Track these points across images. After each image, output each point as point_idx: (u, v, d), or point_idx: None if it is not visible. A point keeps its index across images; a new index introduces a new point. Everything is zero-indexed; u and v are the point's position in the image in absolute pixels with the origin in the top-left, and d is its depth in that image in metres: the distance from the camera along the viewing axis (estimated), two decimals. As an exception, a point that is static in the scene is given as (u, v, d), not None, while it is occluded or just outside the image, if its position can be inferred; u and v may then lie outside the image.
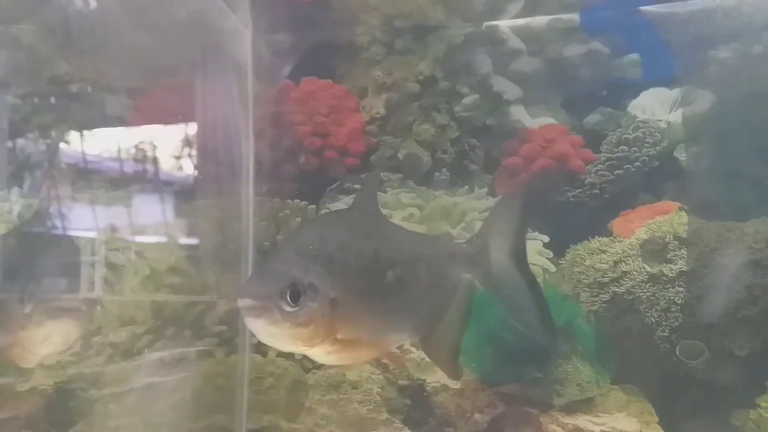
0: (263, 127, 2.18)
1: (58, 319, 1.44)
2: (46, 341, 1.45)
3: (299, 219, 2.10)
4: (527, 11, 2.31)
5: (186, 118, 1.94)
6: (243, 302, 0.97)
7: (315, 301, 0.98)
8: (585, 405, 1.79)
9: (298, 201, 2.14)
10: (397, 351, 1.27)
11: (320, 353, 1.06)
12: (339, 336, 1.02)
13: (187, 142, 1.96)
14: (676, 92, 2.25)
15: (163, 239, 1.95)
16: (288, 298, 0.96)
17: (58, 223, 1.92)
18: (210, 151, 1.99)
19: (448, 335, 1.22)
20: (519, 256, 1.25)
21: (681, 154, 2.17)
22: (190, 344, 1.85)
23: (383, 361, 1.70)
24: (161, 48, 1.86)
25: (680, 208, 1.98)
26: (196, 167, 1.98)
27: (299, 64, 2.31)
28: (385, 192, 2.23)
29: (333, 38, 2.38)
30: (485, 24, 2.34)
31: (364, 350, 1.09)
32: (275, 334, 0.99)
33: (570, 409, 1.78)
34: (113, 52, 1.87)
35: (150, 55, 1.87)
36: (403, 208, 2.14)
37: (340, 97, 2.35)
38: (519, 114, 2.37)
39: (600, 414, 1.78)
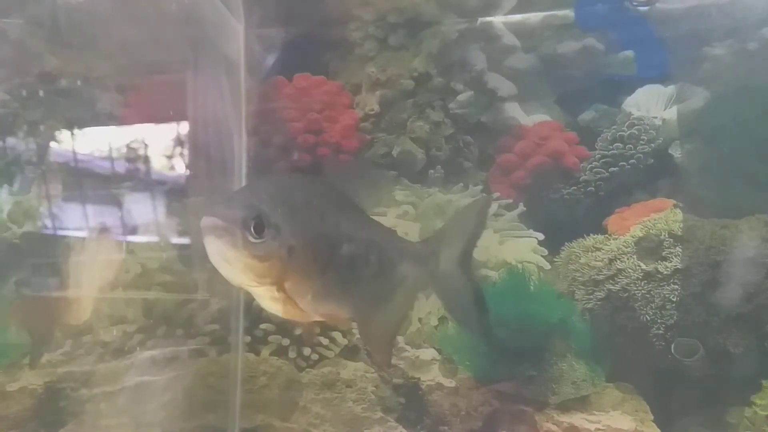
0: (255, 124, 2.16)
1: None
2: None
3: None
4: (522, 7, 2.30)
5: (177, 115, 1.91)
6: (208, 220, 0.97)
7: (276, 241, 0.99)
8: (580, 403, 1.79)
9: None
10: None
11: (265, 296, 1.07)
12: (287, 285, 1.04)
13: (178, 139, 1.93)
14: (670, 89, 2.25)
15: (154, 237, 1.93)
16: (252, 228, 0.97)
17: (48, 221, 1.90)
18: (201, 148, 1.96)
19: (384, 326, 1.25)
20: (466, 265, 1.28)
21: (676, 152, 2.17)
22: (182, 343, 1.83)
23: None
24: (152, 43, 1.83)
25: (675, 206, 1.98)
26: (187, 164, 1.95)
27: (292, 59, 2.29)
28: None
29: (326, 34, 2.36)
30: (480, 20, 2.33)
31: (303, 310, 1.10)
32: (231, 258, 0.99)
33: (565, 407, 1.77)
34: (103, 46, 1.85)
35: (140, 50, 1.85)
36: (397, 206, 2.12)
37: (334, 94, 2.33)
38: (513, 111, 2.37)
39: (595, 412, 1.77)
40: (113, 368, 1.75)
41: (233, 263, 1.00)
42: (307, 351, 1.86)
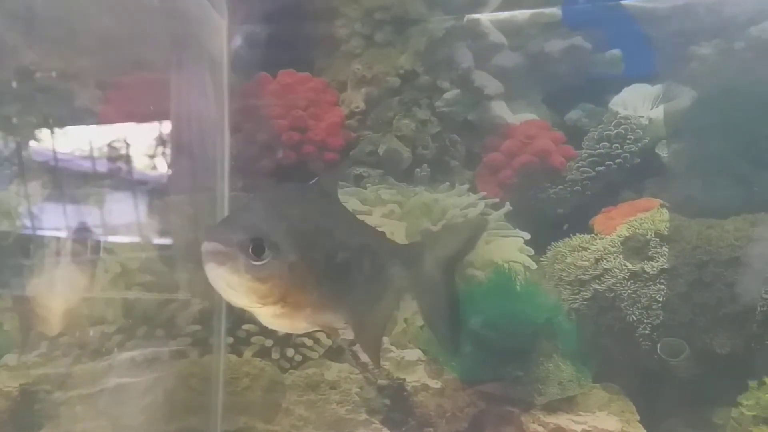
0: (239, 121, 2.13)
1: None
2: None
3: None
4: (509, 4, 2.29)
5: (159, 112, 1.87)
6: (209, 246, 0.96)
7: (277, 260, 0.98)
8: (566, 404, 1.78)
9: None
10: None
11: (268, 314, 1.06)
12: (289, 301, 1.03)
13: (160, 137, 1.89)
14: (657, 88, 2.25)
15: (134, 236, 1.89)
16: (251, 251, 0.96)
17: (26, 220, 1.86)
18: (184, 146, 1.93)
19: (377, 325, 1.26)
20: (449, 275, 1.29)
21: (662, 151, 2.17)
22: (162, 344, 1.79)
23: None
24: (133, 38, 1.79)
25: (662, 205, 1.98)
26: (169, 162, 1.92)
27: (276, 56, 2.26)
28: (365, 188, 2.19)
29: (312, 30, 2.34)
30: (467, 17, 2.31)
31: (303, 322, 1.10)
32: (235, 284, 0.98)
33: (551, 408, 1.76)
34: (82, 40, 1.80)
35: (121, 45, 1.81)
36: (383, 204, 2.10)
37: (319, 91, 2.30)
38: (500, 110, 2.35)
39: (581, 413, 1.77)
40: (91, 370, 1.71)
41: (237, 288, 0.99)
42: (290, 352, 1.84)
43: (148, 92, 1.92)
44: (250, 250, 0.95)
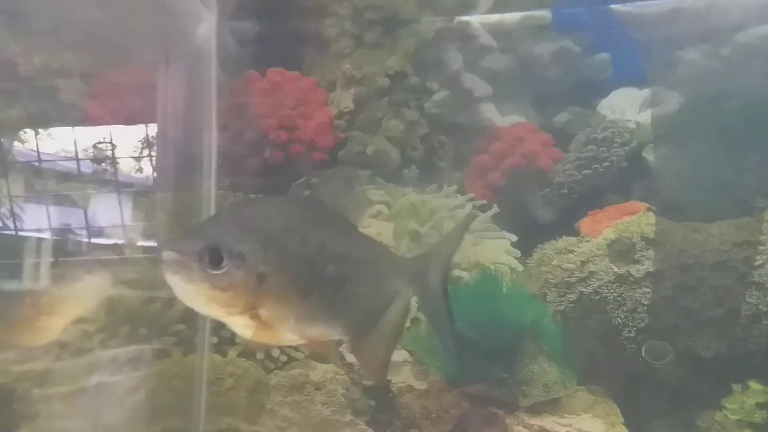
0: (227, 119, 2.12)
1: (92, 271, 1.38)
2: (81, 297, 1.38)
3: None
4: (499, 7, 2.29)
5: (144, 107, 1.85)
6: (165, 255, 0.96)
7: (240, 270, 0.97)
8: (551, 406, 1.78)
9: (262, 196, 2.08)
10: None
11: (239, 324, 1.05)
12: (262, 312, 1.02)
13: (145, 133, 1.87)
14: (645, 92, 2.26)
15: (118, 233, 1.87)
16: (208, 260, 0.95)
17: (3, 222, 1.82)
18: (170, 142, 1.90)
19: (378, 344, 1.23)
20: (444, 284, 1.28)
21: (649, 155, 2.18)
22: (145, 343, 1.77)
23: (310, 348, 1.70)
24: (119, 31, 1.77)
25: (648, 209, 1.98)
26: (154, 159, 1.90)
27: (266, 54, 2.24)
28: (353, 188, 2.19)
29: (301, 28, 2.33)
30: (457, 19, 2.31)
31: (288, 334, 1.09)
32: (191, 292, 0.97)
33: (536, 410, 1.76)
34: (67, 33, 1.78)
35: (107, 39, 1.78)
36: (371, 205, 2.09)
37: (308, 90, 2.29)
38: (489, 112, 2.36)
39: (566, 415, 1.76)
40: (72, 368, 1.68)
41: (194, 297, 0.98)
42: (275, 352, 1.82)
43: (133, 87, 1.89)
44: (207, 258, 0.95)
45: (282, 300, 1.04)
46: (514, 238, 2.06)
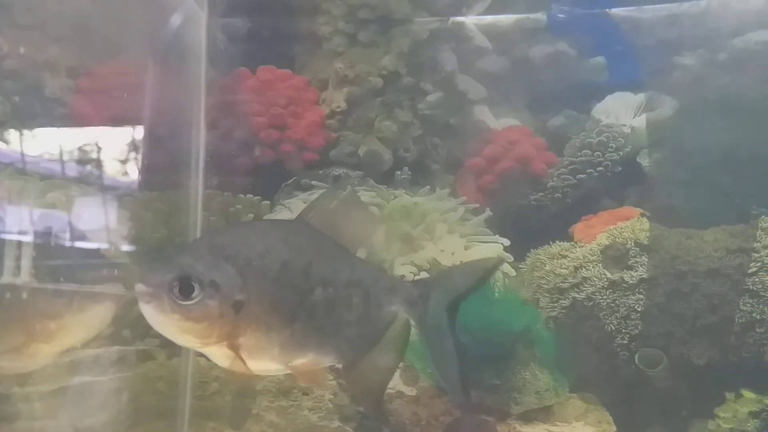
0: (216, 117, 2.08)
1: (100, 302, 1.33)
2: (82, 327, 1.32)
3: (251, 215, 2.00)
4: (494, 8, 2.28)
5: (132, 103, 1.81)
6: (137, 287, 0.95)
7: (214, 299, 0.96)
8: (543, 413, 1.76)
9: (251, 196, 2.06)
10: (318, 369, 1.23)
11: (218, 354, 1.03)
12: (242, 341, 1.00)
13: (132, 129, 1.83)
14: (640, 97, 2.26)
15: (102, 232, 1.82)
16: (177, 291, 0.94)
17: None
18: (157, 140, 1.87)
19: (374, 371, 1.19)
20: (453, 313, 1.23)
21: (644, 160, 2.18)
22: (128, 344, 1.73)
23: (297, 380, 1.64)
24: (107, 26, 1.73)
25: (642, 215, 1.97)
26: (141, 156, 1.85)
27: (257, 51, 2.21)
28: (344, 190, 2.15)
29: (294, 26, 2.30)
30: (451, 20, 2.29)
31: (271, 363, 1.06)
32: (163, 323, 0.97)
33: (527, 417, 1.74)
34: (54, 26, 1.74)
35: (95, 33, 1.75)
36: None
37: (300, 89, 2.27)
38: (483, 114, 2.34)
39: (558, 423, 1.74)
40: (52, 368, 1.64)
41: (167, 327, 0.97)
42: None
43: (121, 82, 1.86)
44: (177, 289, 0.94)
45: (263, 328, 1.01)
46: (507, 242, 2.04)
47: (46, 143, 1.83)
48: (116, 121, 1.86)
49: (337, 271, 1.11)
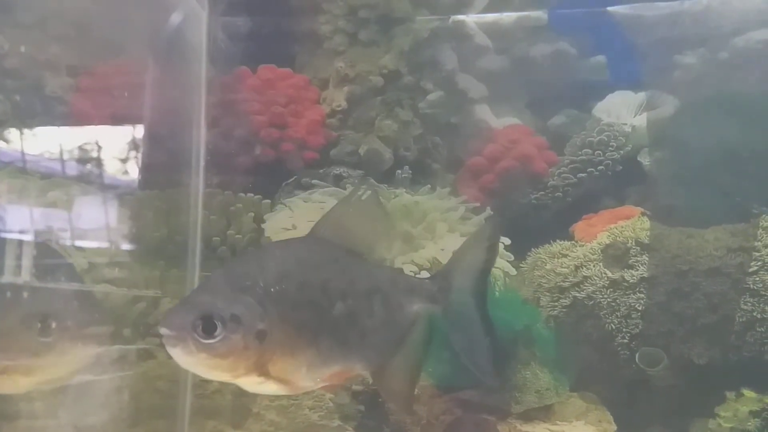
0: (216, 115, 2.08)
1: (84, 344, 1.33)
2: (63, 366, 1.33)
3: (252, 214, 2.00)
4: (495, 6, 2.27)
5: (132, 101, 1.81)
6: (162, 330, 0.97)
7: (237, 333, 0.97)
8: (543, 412, 1.75)
9: (252, 195, 2.05)
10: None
11: (250, 384, 1.04)
12: (271, 368, 1.01)
13: (132, 127, 1.83)
14: (641, 96, 2.25)
15: (102, 231, 1.82)
16: (201, 330, 0.95)
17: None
18: (158, 138, 1.87)
19: (402, 370, 1.21)
20: (480, 295, 1.25)
21: (645, 159, 2.17)
22: (129, 343, 1.73)
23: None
24: (108, 24, 1.74)
25: (643, 214, 1.97)
26: (141, 155, 1.85)
27: (257, 50, 2.21)
28: (345, 188, 2.16)
29: (294, 25, 2.30)
30: (452, 18, 2.29)
31: (303, 381, 1.07)
32: (191, 364, 0.99)
33: (528, 416, 1.74)
34: (55, 25, 1.74)
35: (95, 32, 1.75)
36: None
37: (300, 88, 2.26)
38: (483, 113, 2.34)
39: (558, 422, 1.74)
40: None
41: (197, 368, 0.99)
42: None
43: (121, 81, 1.86)
44: (200, 329, 0.95)
45: (289, 352, 1.02)
46: (508, 241, 2.03)
47: (46, 142, 1.83)
48: (117, 119, 1.86)
49: (354, 281, 1.12)
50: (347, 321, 1.09)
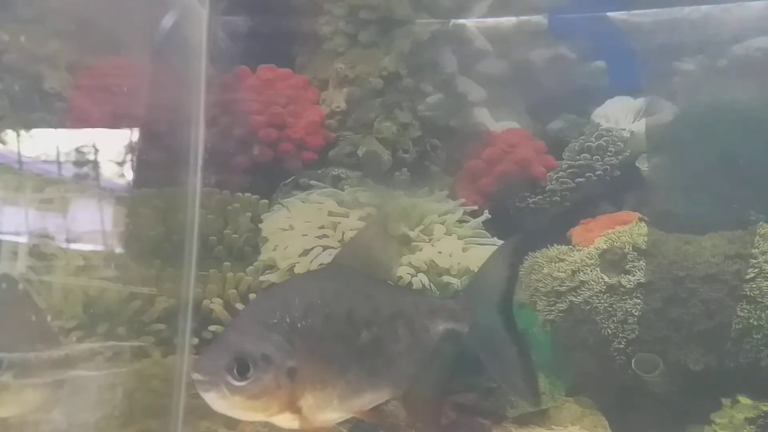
0: (215, 114, 2.08)
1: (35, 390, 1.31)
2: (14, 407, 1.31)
3: (249, 213, 1.99)
4: (495, 11, 2.28)
5: (131, 99, 1.80)
6: (194, 376, 0.99)
7: (268, 373, 0.98)
8: (539, 417, 1.75)
9: (249, 195, 2.05)
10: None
11: (284, 420, 1.05)
12: (302, 404, 1.02)
13: (130, 125, 1.82)
14: (640, 102, 2.25)
15: (99, 228, 1.81)
16: (235, 372, 0.97)
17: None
18: (156, 136, 1.86)
19: (428, 391, 1.22)
20: (507, 312, 1.24)
21: (643, 165, 2.18)
22: (124, 341, 1.72)
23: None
24: (108, 21, 1.73)
25: (640, 219, 1.97)
26: (139, 153, 1.84)
27: (257, 50, 2.21)
28: (343, 190, 2.15)
29: (294, 26, 2.29)
30: (452, 22, 2.29)
31: (335, 413, 1.08)
32: (226, 407, 1.00)
33: (523, 420, 1.74)
34: (55, 21, 1.73)
35: (95, 29, 1.74)
36: (361, 207, 2.06)
37: (299, 88, 2.26)
38: (482, 116, 2.34)
39: (554, 426, 1.74)
40: (47, 359, 1.63)
41: (232, 410, 1.00)
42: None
43: (120, 78, 1.85)
44: (234, 370, 0.96)
45: (319, 386, 1.03)
46: (506, 243, 2.03)
47: (43, 139, 1.82)
48: (115, 117, 1.85)
49: (377, 308, 1.13)
50: (374, 349, 1.10)
